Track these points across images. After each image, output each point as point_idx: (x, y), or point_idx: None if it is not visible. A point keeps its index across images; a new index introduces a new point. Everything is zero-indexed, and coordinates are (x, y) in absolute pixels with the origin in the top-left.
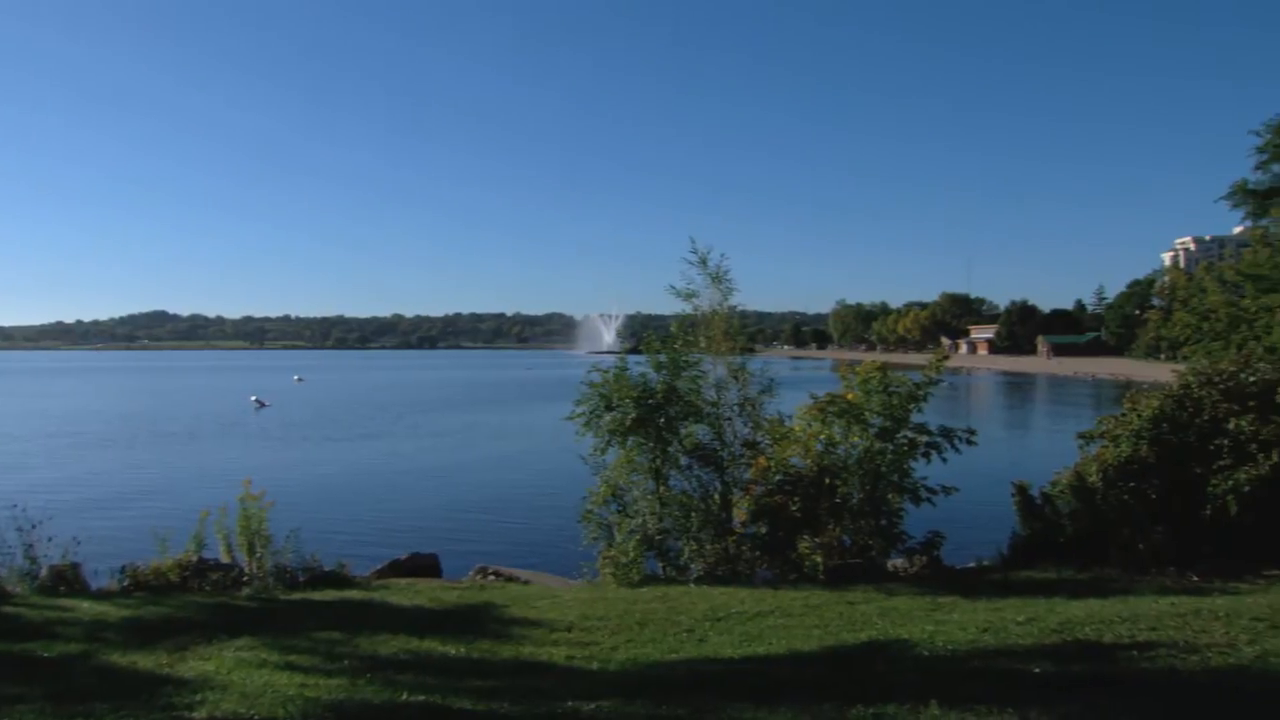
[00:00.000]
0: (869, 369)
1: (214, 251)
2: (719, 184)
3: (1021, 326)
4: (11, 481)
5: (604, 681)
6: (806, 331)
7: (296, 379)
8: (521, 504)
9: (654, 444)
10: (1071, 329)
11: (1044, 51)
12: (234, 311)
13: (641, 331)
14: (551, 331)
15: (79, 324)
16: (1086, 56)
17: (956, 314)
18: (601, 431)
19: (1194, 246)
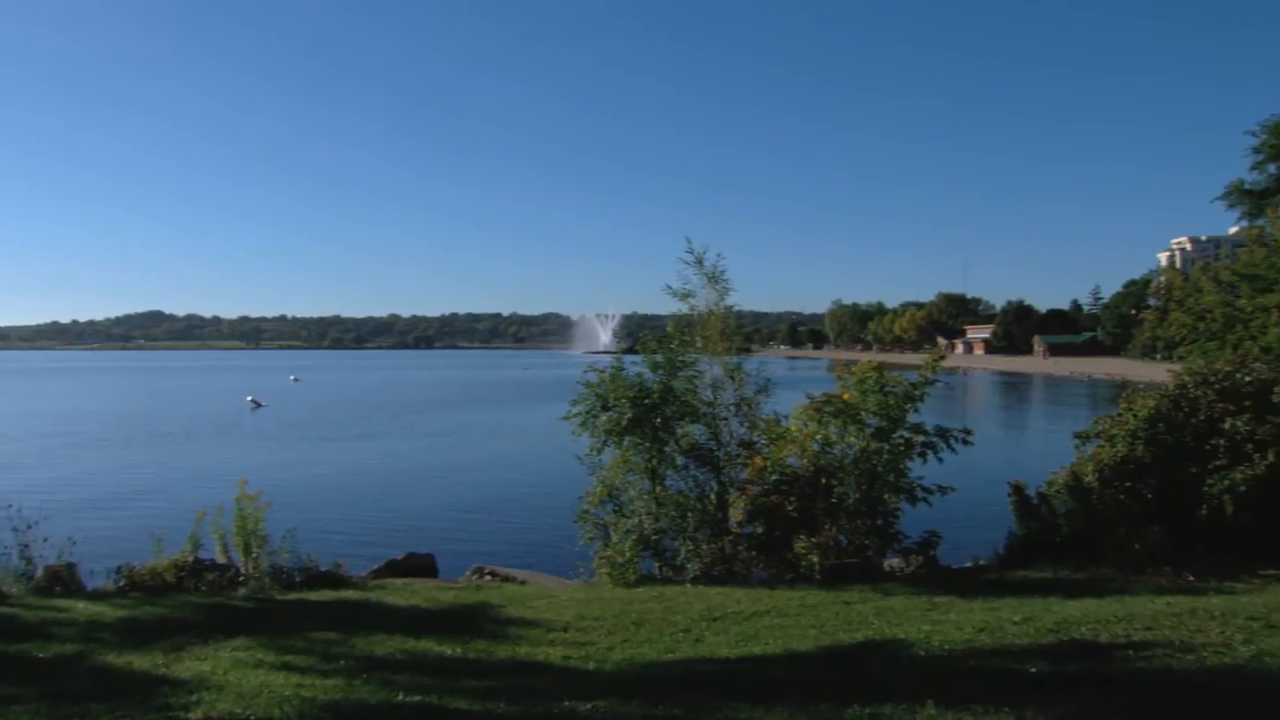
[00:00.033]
0: (865, 369)
1: (210, 251)
2: (716, 184)
3: (1018, 326)
4: (7, 481)
5: (600, 681)
6: (803, 331)
7: (293, 379)
8: (518, 504)
9: (650, 444)
10: (1068, 329)
11: (1041, 52)
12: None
13: (638, 331)
14: (548, 331)
15: (75, 324)
16: (1083, 57)
17: (953, 314)
18: (598, 431)
19: (1190, 246)
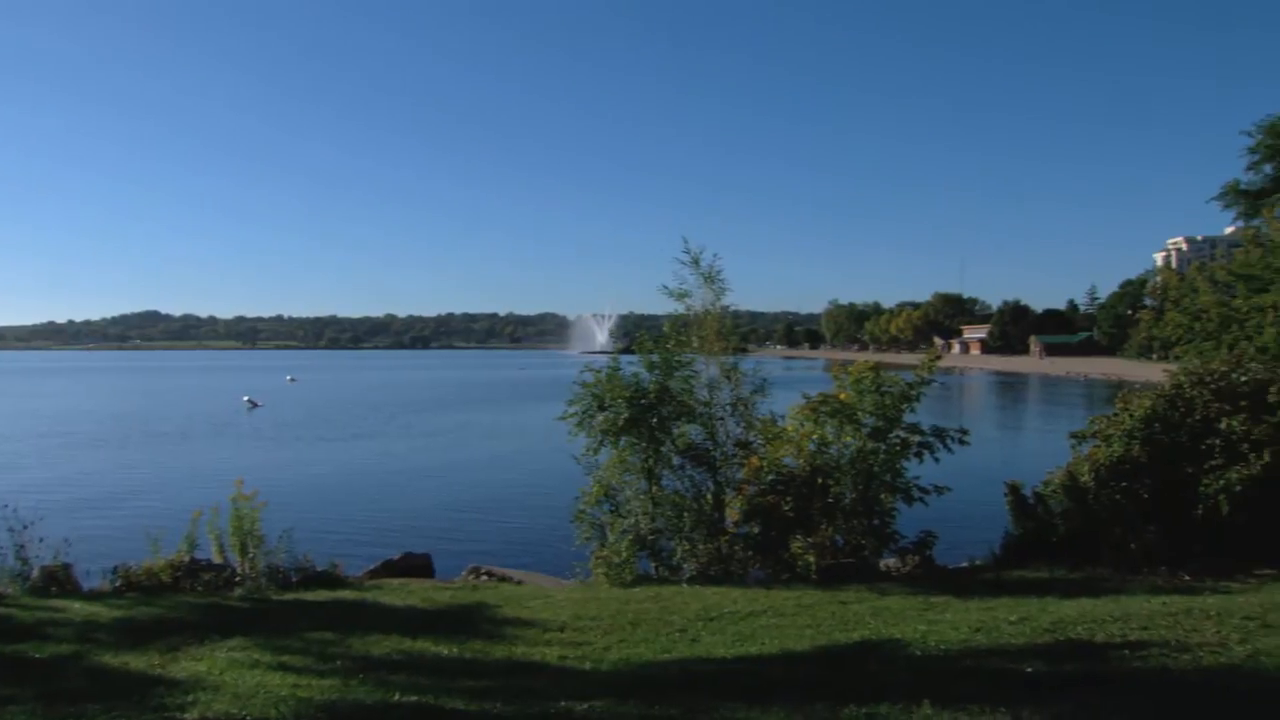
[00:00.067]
0: (861, 369)
1: (207, 251)
2: (712, 184)
3: (1014, 326)
4: (2, 482)
5: (596, 681)
6: (799, 331)
7: (289, 379)
8: (514, 504)
9: (646, 444)
10: (1064, 329)
11: (1037, 52)
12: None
13: (634, 331)
14: (545, 331)
15: (71, 324)
16: (1079, 58)
17: (949, 314)
18: (594, 431)
19: (1186, 246)
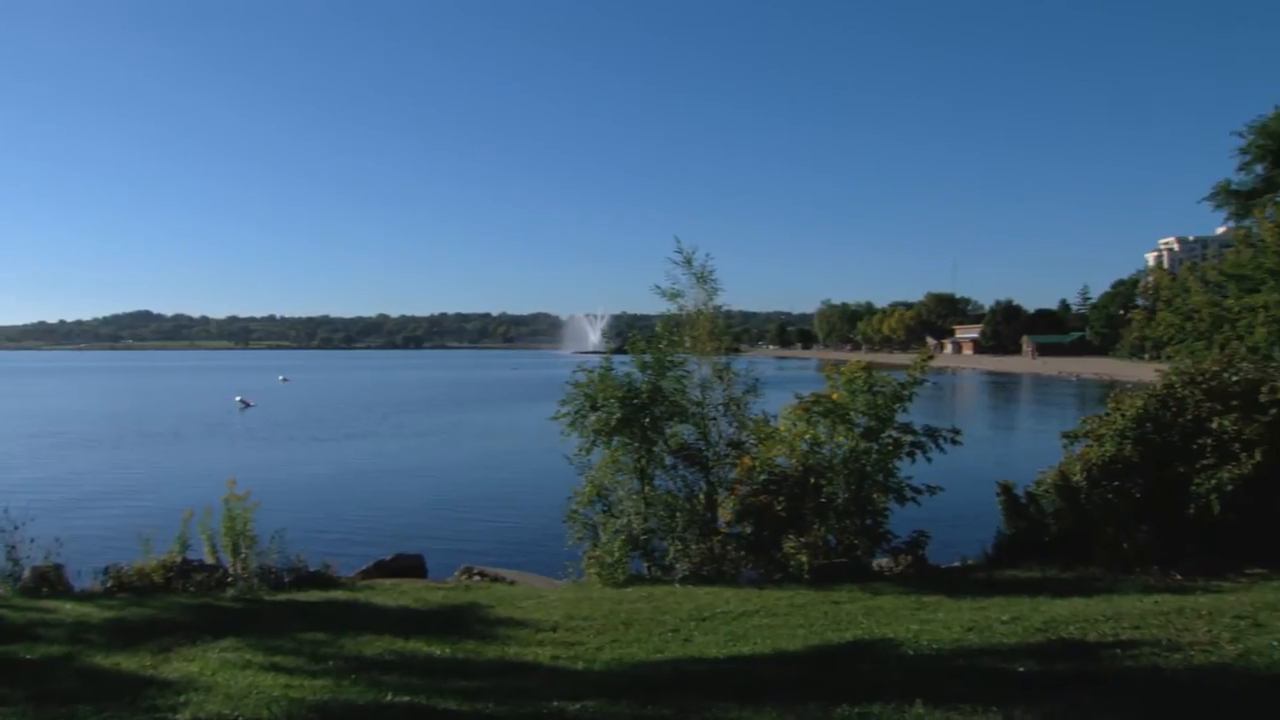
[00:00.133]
0: (854, 369)
1: (199, 251)
2: (705, 184)
3: (1006, 326)
4: None
5: (589, 681)
6: (792, 331)
7: (281, 379)
8: (507, 504)
9: (639, 444)
10: (1056, 329)
11: (1030, 53)
12: (219, 311)
13: (627, 331)
14: (537, 331)
15: (62, 324)
16: (1072, 58)
17: (942, 314)
18: (587, 431)
19: (1178, 247)
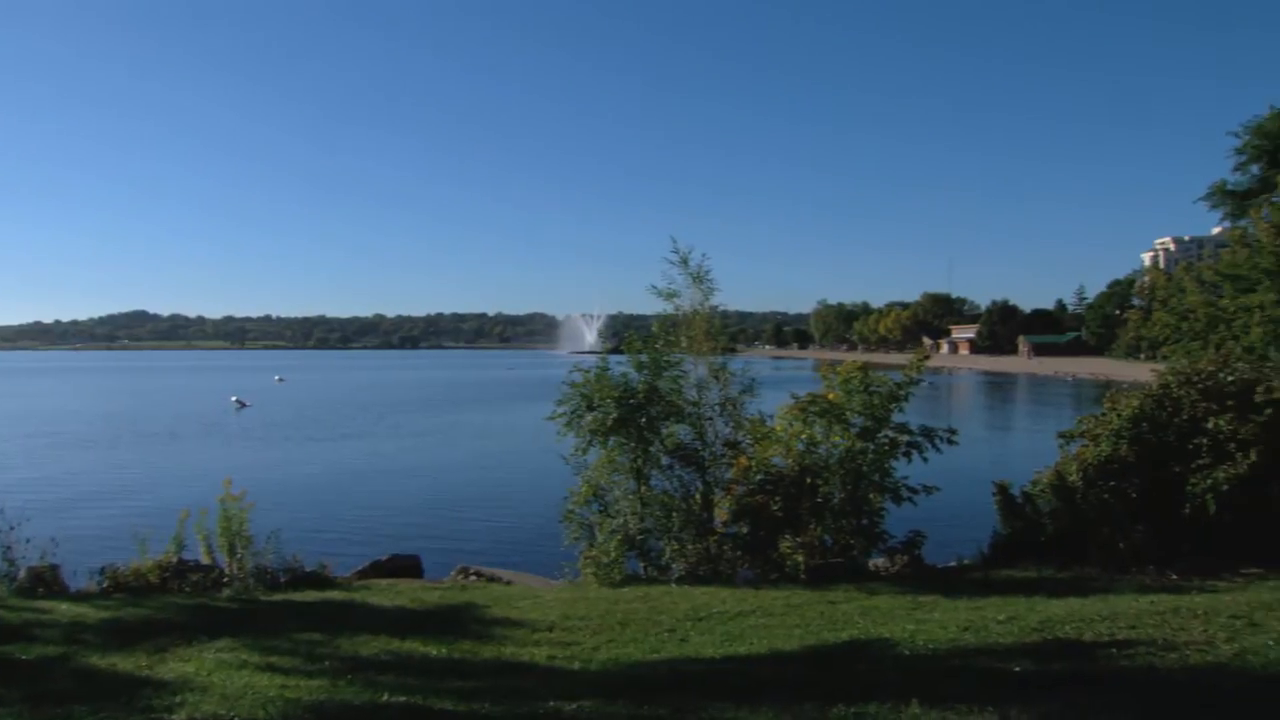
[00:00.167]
0: (850, 369)
1: (195, 251)
2: (702, 184)
3: (1002, 326)
4: None
5: (585, 681)
6: (788, 331)
7: (277, 379)
8: (503, 504)
9: (635, 444)
10: (1052, 329)
11: (1026, 53)
12: (215, 311)
13: (623, 331)
14: (534, 331)
15: (58, 324)
16: (1068, 58)
17: (938, 314)
18: (583, 431)
19: (1174, 247)
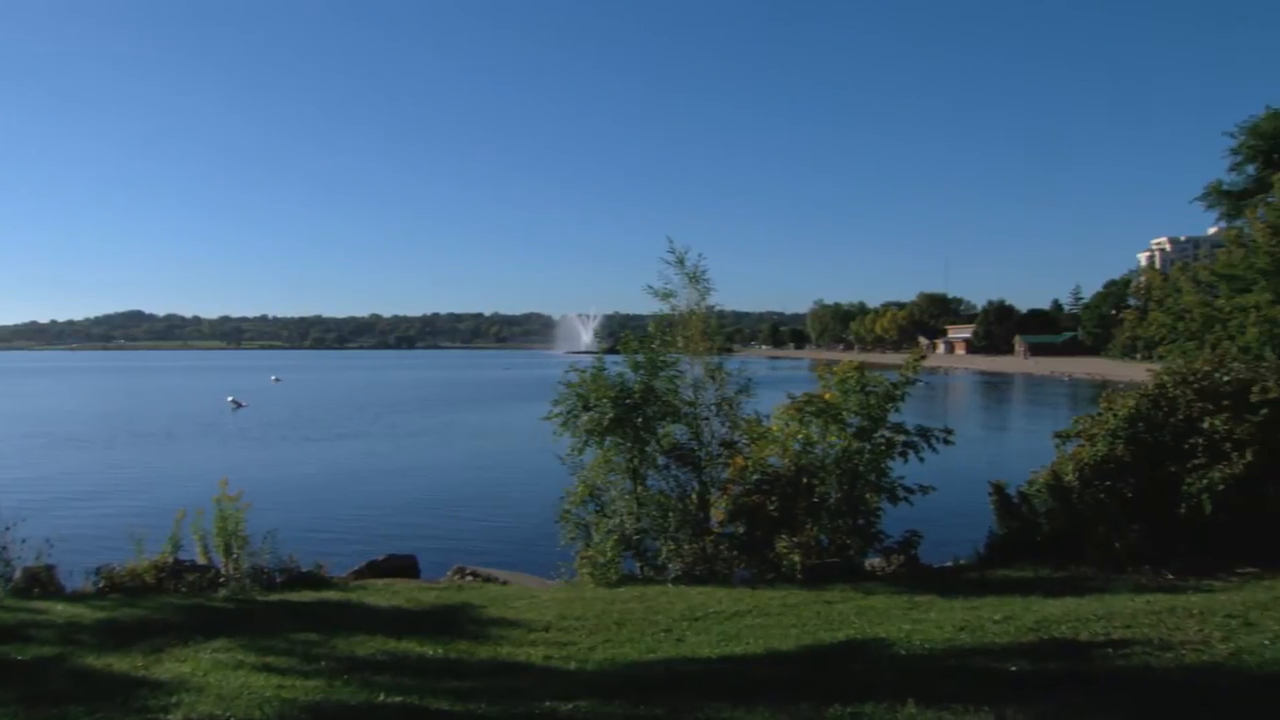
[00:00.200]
0: (846, 369)
1: (191, 251)
2: (698, 183)
3: (999, 326)
4: None
5: (582, 681)
6: (784, 331)
7: (274, 379)
8: (499, 504)
9: (631, 444)
10: (1048, 329)
11: (1024, 53)
12: (211, 311)
13: (619, 331)
14: (530, 331)
15: (53, 324)
16: (1066, 58)
17: (934, 314)
18: (579, 431)
19: (1170, 247)
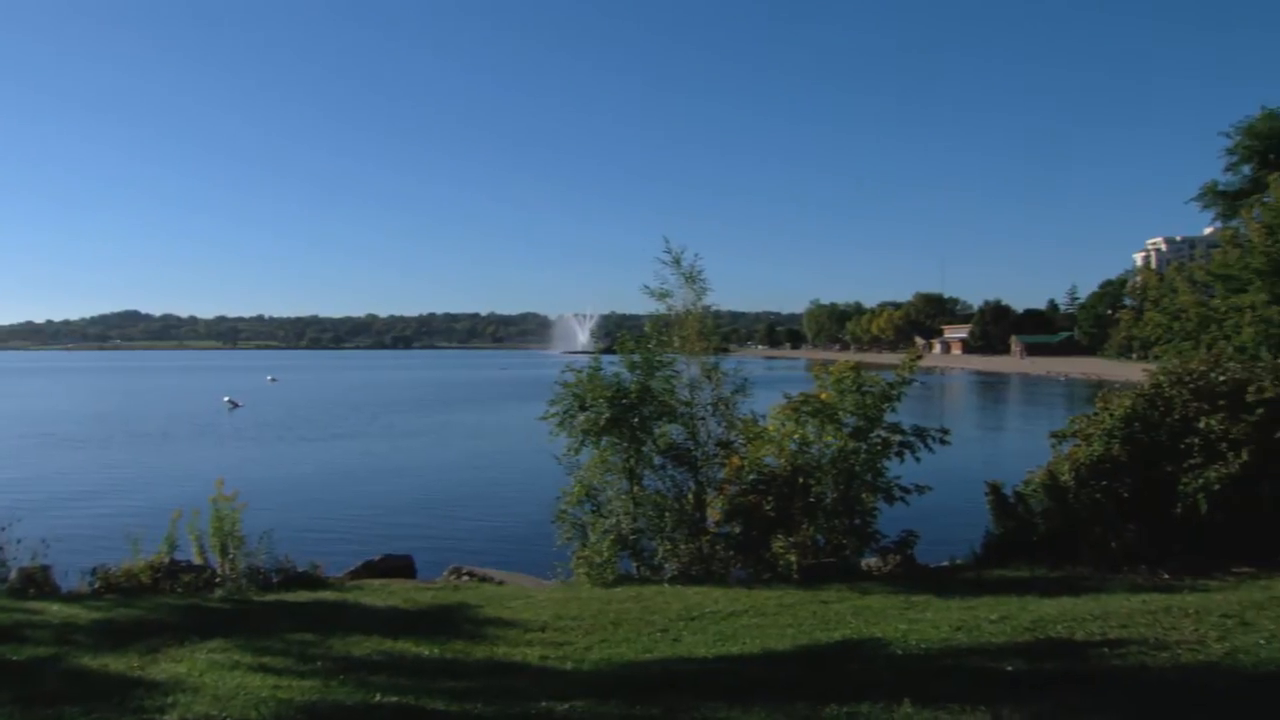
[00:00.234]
0: (843, 368)
1: (187, 251)
2: (694, 183)
3: (995, 326)
4: None
5: (578, 681)
6: (781, 331)
7: (270, 379)
8: (496, 504)
9: (628, 444)
10: (1044, 329)
11: (1020, 53)
12: (207, 311)
13: (616, 331)
14: (526, 331)
15: (49, 324)
16: (1061, 57)
17: (930, 314)
18: (575, 431)
19: (1165, 247)
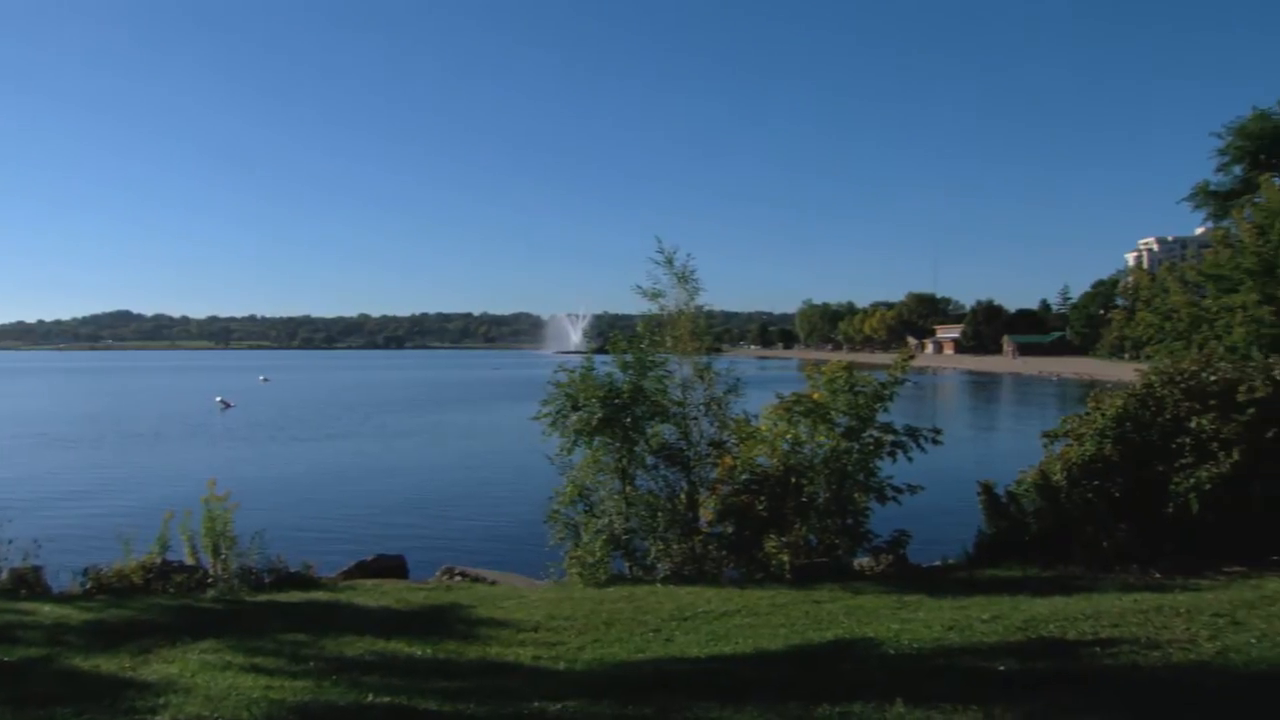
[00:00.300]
0: (835, 368)
1: (179, 251)
2: (687, 184)
3: (987, 326)
4: None
5: (570, 681)
6: (773, 331)
7: (262, 379)
8: (488, 504)
9: (620, 444)
10: (1036, 329)
11: (1011, 54)
12: (199, 311)
13: (608, 331)
14: (519, 331)
15: (40, 324)
16: (1052, 58)
17: (923, 314)
18: (568, 431)
19: (1157, 247)
